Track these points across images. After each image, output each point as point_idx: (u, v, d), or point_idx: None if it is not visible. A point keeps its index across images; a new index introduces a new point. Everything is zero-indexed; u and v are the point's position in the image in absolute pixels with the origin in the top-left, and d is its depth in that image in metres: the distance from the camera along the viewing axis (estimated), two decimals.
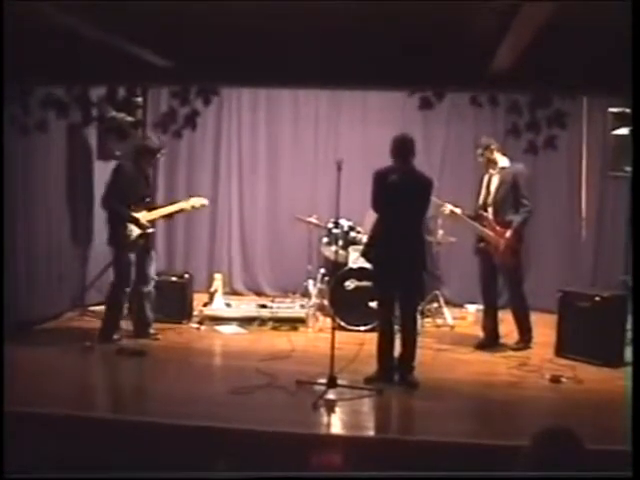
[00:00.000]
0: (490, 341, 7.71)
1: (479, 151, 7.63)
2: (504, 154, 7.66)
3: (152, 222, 7.65)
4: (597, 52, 5.42)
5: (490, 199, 7.61)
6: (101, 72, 6.11)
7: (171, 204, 7.96)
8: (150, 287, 7.72)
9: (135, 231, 7.46)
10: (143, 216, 7.51)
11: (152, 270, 7.76)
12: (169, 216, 8.03)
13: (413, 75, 5.82)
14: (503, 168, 7.57)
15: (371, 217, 7.28)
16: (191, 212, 8.16)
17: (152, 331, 7.74)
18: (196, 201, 7.91)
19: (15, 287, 7.41)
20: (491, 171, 7.63)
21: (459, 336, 8.29)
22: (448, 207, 7.75)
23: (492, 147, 7.57)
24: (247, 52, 5.79)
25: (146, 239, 7.60)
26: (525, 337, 7.67)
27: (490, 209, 7.59)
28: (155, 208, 7.77)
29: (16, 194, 7.48)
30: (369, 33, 5.54)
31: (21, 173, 7.60)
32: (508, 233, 7.43)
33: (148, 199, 7.69)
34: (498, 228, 7.47)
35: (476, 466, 4.58)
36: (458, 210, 7.77)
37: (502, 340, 7.77)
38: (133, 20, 5.26)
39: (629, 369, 6.49)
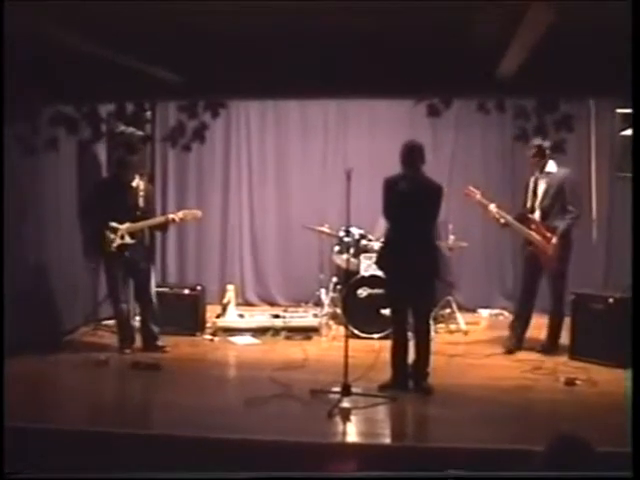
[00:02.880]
0: (517, 345, 7.72)
1: (533, 151, 7.46)
2: (552, 158, 7.53)
3: (135, 234, 7.61)
4: (602, 54, 5.43)
5: (537, 203, 7.59)
6: (110, 89, 6.16)
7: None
8: (149, 299, 7.78)
9: (114, 242, 7.51)
10: (126, 227, 7.54)
11: (150, 283, 7.79)
12: (161, 228, 8.08)
13: (420, 83, 5.85)
14: (549, 173, 7.53)
15: (381, 225, 7.29)
16: (201, 224, 8.15)
17: (160, 344, 7.77)
18: (187, 213, 7.93)
19: (29, 302, 7.45)
20: (537, 174, 7.59)
21: (472, 341, 8.29)
22: (494, 210, 7.66)
23: (545, 149, 7.39)
24: (254, 65, 5.82)
25: (133, 251, 7.62)
26: (553, 342, 7.67)
27: (537, 213, 7.58)
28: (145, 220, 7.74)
29: (28, 210, 7.53)
30: (375, 42, 5.56)
31: (33, 190, 7.65)
32: (554, 239, 7.40)
33: (139, 212, 7.65)
34: (547, 233, 7.46)
35: (492, 471, 4.57)
36: (494, 211, 7.71)
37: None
38: (141, 37, 5.30)
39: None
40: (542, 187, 7.57)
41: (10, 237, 6.98)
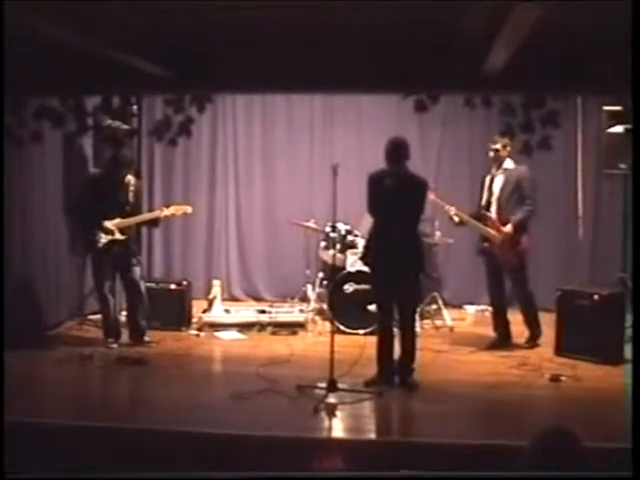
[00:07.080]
0: (502, 341, 7.74)
1: (496, 146, 7.49)
2: (509, 156, 7.56)
3: (124, 230, 7.61)
4: (589, 51, 5.43)
5: (493, 199, 7.60)
6: (96, 82, 6.13)
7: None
8: (140, 294, 7.76)
9: (103, 238, 7.50)
10: (116, 223, 7.53)
11: (139, 277, 7.77)
12: (152, 224, 8.09)
13: (407, 78, 5.83)
14: (506, 169, 7.55)
15: (367, 220, 7.28)
16: (187, 219, 8.14)
17: (147, 339, 7.76)
18: (178, 208, 7.93)
19: (14, 297, 7.41)
20: (494, 171, 7.63)
21: (458, 337, 8.29)
22: (452, 210, 7.67)
23: (508, 147, 7.43)
24: (241, 59, 5.80)
25: (122, 246, 7.61)
26: (534, 335, 7.71)
27: (493, 209, 7.59)
28: (134, 216, 7.75)
29: (14, 204, 7.49)
30: (362, 37, 5.55)
31: (18, 183, 7.61)
32: (506, 228, 7.42)
33: (129, 207, 7.66)
34: (502, 228, 7.47)
35: (477, 466, 4.59)
36: (452, 211, 7.72)
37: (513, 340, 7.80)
38: (127, 30, 5.27)
39: (628, 366, 6.51)
40: (499, 183, 7.59)
41: None
